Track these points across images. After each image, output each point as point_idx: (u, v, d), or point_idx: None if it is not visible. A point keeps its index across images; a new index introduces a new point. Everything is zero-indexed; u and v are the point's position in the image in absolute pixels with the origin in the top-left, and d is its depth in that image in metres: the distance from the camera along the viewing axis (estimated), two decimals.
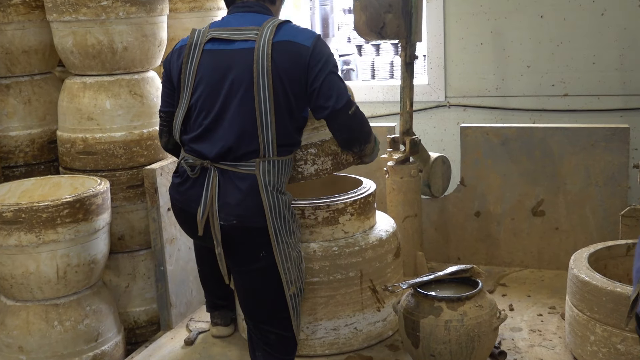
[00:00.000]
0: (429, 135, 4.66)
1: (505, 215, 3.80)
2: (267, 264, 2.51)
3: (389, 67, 7.08)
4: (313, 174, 2.75)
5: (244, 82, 2.44)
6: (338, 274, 2.87)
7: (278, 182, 2.50)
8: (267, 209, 2.46)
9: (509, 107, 4.52)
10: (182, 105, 2.56)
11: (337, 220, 2.91)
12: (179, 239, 3.37)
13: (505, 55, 4.47)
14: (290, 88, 2.45)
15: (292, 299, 2.58)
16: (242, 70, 2.45)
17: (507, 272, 3.75)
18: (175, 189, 2.62)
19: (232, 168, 2.47)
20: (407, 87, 3.58)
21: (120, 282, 3.43)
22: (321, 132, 2.76)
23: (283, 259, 2.53)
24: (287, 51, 2.44)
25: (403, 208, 3.59)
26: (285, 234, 2.52)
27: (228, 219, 2.46)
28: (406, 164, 3.61)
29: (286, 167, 2.54)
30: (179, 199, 2.59)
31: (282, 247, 2.51)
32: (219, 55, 2.50)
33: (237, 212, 2.46)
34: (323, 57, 2.48)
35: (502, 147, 3.74)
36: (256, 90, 2.42)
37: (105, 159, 3.29)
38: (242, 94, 2.44)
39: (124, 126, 3.30)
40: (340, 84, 2.51)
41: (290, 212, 2.54)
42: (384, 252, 2.97)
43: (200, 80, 2.52)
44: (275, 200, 2.48)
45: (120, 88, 3.30)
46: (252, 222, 2.46)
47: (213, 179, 2.47)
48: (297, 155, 2.71)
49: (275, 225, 2.48)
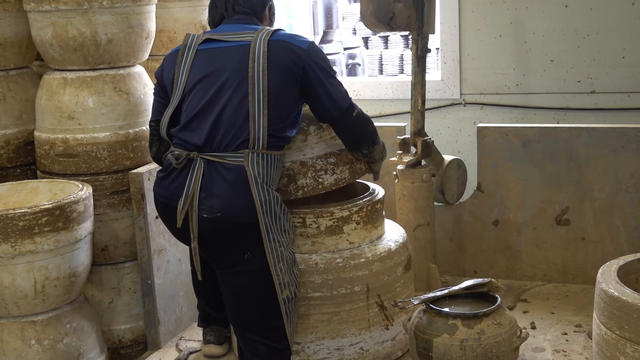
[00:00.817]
0: (442, 136, 4.67)
1: (526, 224, 3.80)
2: (257, 264, 2.56)
3: (398, 62, 7.10)
4: (333, 183, 2.86)
5: (238, 75, 2.59)
6: (342, 288, 2.87)
7: (268, 176, 2.60)
8: (258, 203, 2.53)
9: (531, 106, 4.52)
10: (173, 102, 2.71)
11: (342, 229, 2.91)
12: (168, 249, 3.38)
13: (526, 49, 4.47)
14: (285, 85, 2.61)
15: (286, 303, 2.61)
16: (237, 64, 2.61)
17: (528, 287, 3.75)
18: (158, 184, 2.72)
19: (218, 159, 2.57)
20: (419, 83, 3.58)
21: (103, 297, 3.43)
22: (339, 141, 2.88)
23: (275, 259, 2.58)
24: (283, 50, 2.62)
25: (414, 216, 3.60)
26: (277, 232, 2.59)
27: (212, 212, 2.53)
28: (418, 167, 3.61)
29: (276, 163, 2.64)
30: (162, 193, 2.68)
31: (274, 245, 2.57)
32: (214, 52, 2.67)
33: (223, 204, 2.53)
34: (320, 60, 2.67)
35: (523, 150, 3.74)
36: (250, 83, 2.57)
37: (88, 162, 3.30)
38: (236, 86, 2.59)
39: (108, 126, 3.31)
40: (341, 87, 2.72)
41: (282, 209, 2.62)
42: (393, 264, 2.97)
43: (193, 75, 2.67)
44: (266, 195, 2.56)
45: (104, 84, 3.31)
46: (240, 216, 2.53)
47: (198, 170, 2.57)
48: (317, 165, 2.84)
49: (266, 221, 2.55)
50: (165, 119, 2.72)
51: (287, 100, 2.63)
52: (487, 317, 2.64)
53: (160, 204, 2.72)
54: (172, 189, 2.63)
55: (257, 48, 2.60)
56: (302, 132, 2.87)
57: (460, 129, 4.67)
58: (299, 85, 2.64)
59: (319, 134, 2.90)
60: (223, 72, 2.62)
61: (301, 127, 2.87)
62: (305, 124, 2.88)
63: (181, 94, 2.68)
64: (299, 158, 2.85)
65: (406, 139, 3.66)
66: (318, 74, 2.64)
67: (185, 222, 2.58)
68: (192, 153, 2.60)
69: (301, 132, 2.87)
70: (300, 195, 2.84)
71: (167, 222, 2.73)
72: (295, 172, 2.84)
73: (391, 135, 3.80)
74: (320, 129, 2.90)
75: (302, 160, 2.85)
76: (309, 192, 2.83)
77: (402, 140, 3.66)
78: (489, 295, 2.79)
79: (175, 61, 2.72)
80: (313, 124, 2.89)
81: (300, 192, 2.83)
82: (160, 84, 2.81)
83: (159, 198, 2.71)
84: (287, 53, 2.62)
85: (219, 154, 2.57)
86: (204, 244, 2.60)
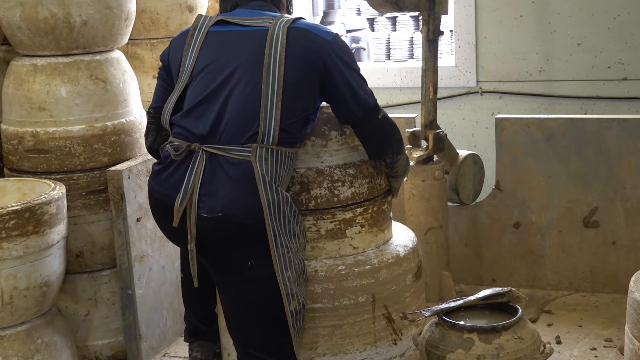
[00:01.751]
0: (457, 129, 4.68)
1: (550, 226, 3.80)
2: (262, 272, 2.55)
3: (407, 46, 7.09)
4: (349, 197, 2.85)
5: (252, 61, 2.59)
6: (345, 299, 2.86)
7: (277, 175, 2.58)
8: (265, 203, 2.52)
9: (555, 94, 4.52)
10: (178, 87, 2.71)
11: (344, 232, 2.90)
12: (151, 256, 3.38)
13: (550, 31, 4.47)
14: (303, 77, 2.60)
15: (294, 316, 2.60)
16: (252, 50, 2.61)
17: (553, 297, 3.76)
18: (154, 178, 2.70)
19: (223, 152, 2.55)
20: (430, 69, 3.59)
21: (78, 309, 3.42)
22: (360, 152, 2.88)
23: (283, 266, 2.57)
24: (304, 39, 2.61)
25: (425, 218, 3.60)
26: (286, 236, 2.58)
27: (213, 211, 2.52)
28: (429, 164, 3.61)
29: (286, 161, 2.63)
30: (157, 188, 2.68)
31: (282, 251, 2.56)
32: (227, 36, 2.68)
33: (225, 204, 2.52)
34: (344, 54, 2.66)
35: (547, 144, 3.75)
36: (265, 72, 2.56)
37: (61, 159, 3.29)
38: (248, 73, 2.59)
39: (84, 118, 3.31)
40: (366, 86, 2.71)
41: (292, 211, 2.61)
42: (402, 272, 2.97)
43: (202, 58, 2.67)
44: (275, 195, 2.55)
45: (79, 71, 3.31)
46: (244, 218, 2.52)
47: (199, 164, 2.56)
48: (334, 175, 2.83)
49: (274, 223, 2.54)
50: (168, 105, 2.71)
51: (304, 95, 2.63)
52: (507, 331, 2.64)
53: (154, 200, 2.71)
54: (169, 184, 2.62)
55: (275, 35, 2.60)
56: (322, 136, 2.86)
57: (476, 120, 4.68)
58: (318, 80, 2.63)
59: (340, 140, 2.88)
60: (235, 57, 2.62)
61: (322, 132, 2.86)
62: (327, 128, 2.87)
63: (187, 78, 2.68)
64: (316, 165, 2.84)
65: (416, 131, 3.66)
66: (342, 69, 2.63)
67: (182, 221, 2.57)
68: (193, 144, 2.59)
69: (321, 136, 2.86)
70: (313, 206, 2.84)
71: (162, 221, 2.72)
72: (310, 180, 2.83)
73: (399, 127, 3.73)
74: (343, 135, 2.88)
75: (318, 167, 2.84)
76: (323, 204, 2.83)
77: (411, 134, 3.66)
78: (509, 306, 2.77)
79: (184, 43, 2.72)
80: (335, 129, 2.87)
81: (312, 202, 2.83)
82: (166, 67, 2.80)
83: (153, 194, 2.70)
84: (308, 43, 2.60)
85: (224, 147, 2.56)
86: (203, 247, 2.59)
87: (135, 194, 3.31)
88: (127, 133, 3.40)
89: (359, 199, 2.86)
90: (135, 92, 3.51)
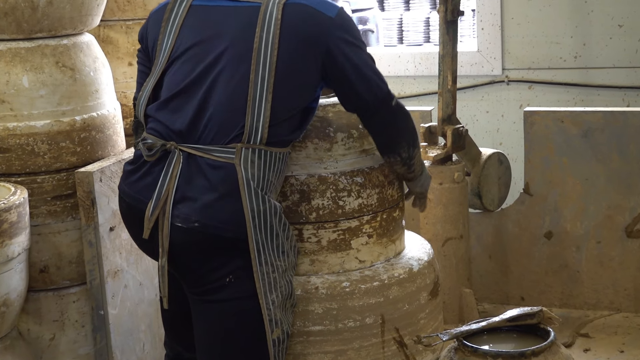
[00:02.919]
0: (479, 124, 4.69)
1: (587, 236, 3.80)
2: (242, 292, 2.54)
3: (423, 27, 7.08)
4: (356, 209, 2.86)
5: (240, 44, 2.57)
6: (350, 320, 2.86)
7: (264, 180, 2.57)
8: (249, 213, 2.51)
9: (593, 84, 4.53)
10: (154, 72, 2.68)
11: (349, 243, 2.90)
12: (126, 271, 3.37)
13: (586, 10, 4.47)
14: (300, 63, 2.58)
15: (276, 346, 2.60)
16: (240, 30, 2.58)
17: (590, 318, 3.76)
18: (124, 179, 2.70)
19: (202, 153, 2.54)
20: (449, 55, 3.58)
21: (42, 331, 3.41)
22: (369, 157, 2.90)
23: (266, 287, 2.56)
24: (302, 17, 2.58)
25: (443, 227, 3.60)
26: (272, 252, 2.57)
27: (188, 220, 2.52)
28: (447, 164, 3.62)
29: (276, 164, 2.61)
30: (127, 191, 2.67)
31: (266, 269, 2.55)
32: (212, 11, 2.64)
33: (202, 212, 2.51)
34: (350, 33, 2.62)
35: (584, 141, 3.74)
36: (255, 58, 2.54)
37: (22, 158, 3.28)
38: (235, 59, 2.56)
39: (49, 112, 3.30)
40: (376, 68, 2.67)
41: (281, 223, 2.59)
42: (416, 289, 2.97)
43: (182, 38, 2.65)
44: (261, 204, 2.53)
45: (44, 58, 3.30)
46: (224, 229, 2.51)
47: (175, 165, 2.55)
48: (339, 184, 2.84)
49: (257, 237, 2.52)
50: (144, 94, 2.69)
51: (301, 84, 2.60)
52: (537, 357, 2.63)
53: (124, 205, 2.71)
54: (140, 188, 2.62)
55: (269, 13, 2.56)
56: (326, 138, 2.87)
57: (502, 114, 4.68)
58: (320, 66, 2.60)
59: (347, 143, 2.89)
60: (221, 39, 2.59)
61: (326, 133, 2.86)
62: (332, 130, 2.87)
63: (165, 62, 2.66)
64: (318, 171, 2.85)
65: (432, 127, 3.67)
66: (347, 52, 2.59)
67: (154, 231, 2.57)
68: (169, 143, 2.58)
69: (325, 138, 2.86)
70: (313, 219, 2.85)
71: (133, 229, 2.71)
72: (311, 189, 2.84)
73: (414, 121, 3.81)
74: (351, 137, 2.89)
75: (321, 174, 2.85)
76: (325, 216, 2.84)
77: (427, 129, 3.66)
78: (540, 328, 2.76)
79: (162, 18, 2.69)
80: (342, 131, 2.88)
81: (313, 214, 2.84)
82: (143, 48, 2.79)
83: (123, 197, 2.70)
84: (306, 22, 2.57)
85: (204, 147, 2.54)
86: (176, 261, 2.58)
87: (108, 200, 3.29)
88: (98, 129, 3.38)
89: (366, 212, 2.87)
90: (109, 82, 3.50)
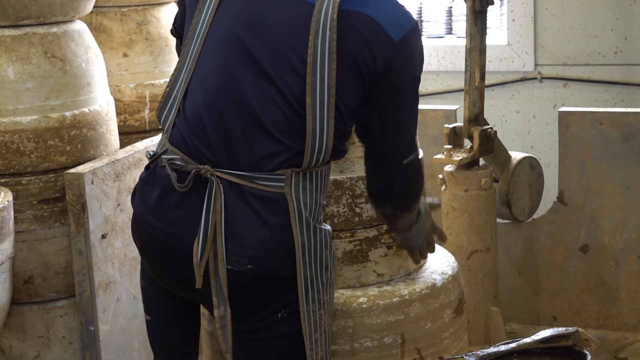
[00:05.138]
0: (509, 125, 4.72)
1: (627, 250, 3.80)
2: (289, 328, 2.46)
3: (445, 18, 7.08)
4: (374, 217, 2.89)
5: (293, 45, 2.34)
6: (367, 339, 2.86)
7: (315, 206, 2.44)
8: (299, 248, 2.38)
9: (635, 82, 4.56)
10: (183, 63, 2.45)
11: (367, 255, 2.92)
12: (119, 282, 3.35)
13: (629, 1, 4.51)
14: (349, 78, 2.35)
15: None
16: (292, 28, 2.35)
17: (630, 340, 3.77)
18: (146, 203, 2.48)
19: (245, 181, 2.36)
20: (476, 48, 3.60)
21: (26, 348, 3.38)
22: None
23: (312, 325, 2.46)
24: (357, 29, 2.34)
25: (468, 238, 3.62)
26: (321, 288, 2.46)
27: (239, 263, 2.37)
28: (474, 169, 3.63)
29: (324, 181, 2.49)
30: (156, 224, 2.45)
31: (313, 307, 2.45)
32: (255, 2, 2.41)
33: (256, 252, 2.37)
34: (408, 70, 2.41)
35: (625, 145, 3.75)
36: (311, 65, 2.32)
37: (6, 158, 3.25)
38: (286, 69, 2.34)
39: (36, 107, 3.27)
40: (414, 118, 2.53)
41: (331, 254, 2.48)
42: (439, 306, 2.96)
43: (219, 25, 2.41)
44: (312, 237, 2.40)
45: (31, 47, 3.28)
46: (280, 268, 2.40)
47: (216, 197, 2.36)
48: (356, 189, 2.87)
49: (307, 273, 2.41)
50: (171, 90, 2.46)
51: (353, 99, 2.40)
52: None
53: (148, 237, 2.49)
54: (172, 219, 2.41)
55: (324, 15, 2.32)
56: None
57: (534, 114, 4.71)
58: (364, 89, 2.39)
59: None
60: (270, 34, 2.35)
61: None
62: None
63: (197, 54, 2.42)
64: (334, 175, 2.84)
65: (457, 128, 3.67)
66: (395, 86, 2.39)
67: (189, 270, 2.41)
68: (203, 167, 2.36)
69: None
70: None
71: (162, 271, 2.53)
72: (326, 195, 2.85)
73: (436, 122, 3.84)
74: None
75: (337, 179, 2.86)
76: (341, 224, 2.86)
77: (451, 130, 3.66)
78: (575, 351, 2.72)
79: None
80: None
81: (328, 222, 2.80)
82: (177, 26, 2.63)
83: (148, 229, 2.48)
84: (360, 39, 2.33)
85: (247, 174, 2.35)
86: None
87: (100, 204, 3.26)
88: (90, 126, 3.35)
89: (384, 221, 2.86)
90: (102, 74, 3.47)
